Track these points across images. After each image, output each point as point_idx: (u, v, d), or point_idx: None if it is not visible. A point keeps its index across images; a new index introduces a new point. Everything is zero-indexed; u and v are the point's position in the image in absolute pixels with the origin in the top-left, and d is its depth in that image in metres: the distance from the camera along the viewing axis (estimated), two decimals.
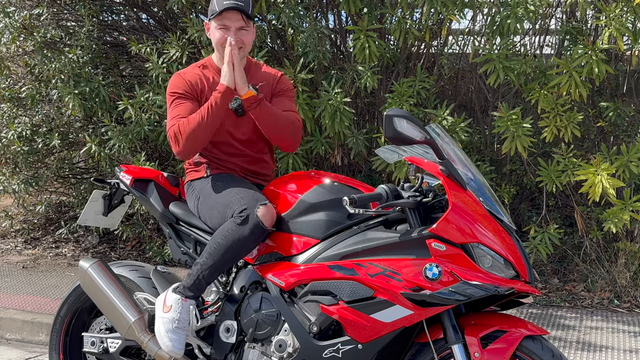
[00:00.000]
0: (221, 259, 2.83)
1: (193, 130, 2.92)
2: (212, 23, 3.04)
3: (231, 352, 2.91)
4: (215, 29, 3.03)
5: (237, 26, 2.99)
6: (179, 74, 3.12)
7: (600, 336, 4.39)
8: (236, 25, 2.99)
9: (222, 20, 2.99)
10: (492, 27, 4.69)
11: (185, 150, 2.98)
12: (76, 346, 3.33)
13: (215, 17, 3.00)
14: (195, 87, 3.07)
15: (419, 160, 2.64)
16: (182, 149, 2.97)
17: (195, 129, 2.92)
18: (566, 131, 4.71)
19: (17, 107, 6.34)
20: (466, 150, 5.20)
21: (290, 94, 3.20)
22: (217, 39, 3.03)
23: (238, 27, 3.00)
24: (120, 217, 3.53)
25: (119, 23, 6.56)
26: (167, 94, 3.11)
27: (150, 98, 5.32)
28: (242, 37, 3.00)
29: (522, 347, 2.48)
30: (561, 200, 5.67)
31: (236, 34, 2.98)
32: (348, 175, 5.68)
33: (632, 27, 4.61)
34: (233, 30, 2.99)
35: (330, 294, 2.61)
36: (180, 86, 3.06)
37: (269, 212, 2.81)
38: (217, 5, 2.98)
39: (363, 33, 4.75)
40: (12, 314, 4.90)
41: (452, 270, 2.45)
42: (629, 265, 5.07)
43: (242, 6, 2.98)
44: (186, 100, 3.03)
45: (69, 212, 7.24)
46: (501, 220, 2.57)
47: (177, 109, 3.03)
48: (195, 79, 3.08)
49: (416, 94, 4.93)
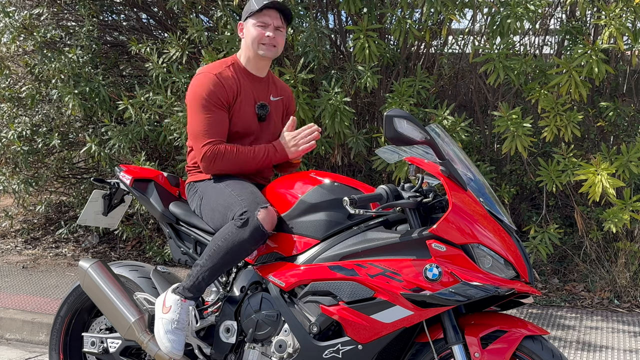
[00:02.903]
0: (221, 261, 2.83)
1: (237, 163, 2.97)
2: (249, 21, 3.03)
3: (231, 353, 2.90)
4: (252, 27, 3.01)
5: (275, 24, 3.01)
6: (215, 75, 2.98)
7: (600, 336, 4.39)
8: (275, 23, 3.01)
9: (262, 18, 3.00)
10: (492, 27, 4.69)
11: (216, 173, 3.02)
12: (76, 346, 3.33)
13: (254, 14, 3.00)
14: (230, 91, 2.99)
15: (419, 161, 2.64)
16: (214, 170, 3.00)
17: (240, 164, 2.97)
18: (566, 131, 4.71)
19: (17, 107, 6.34)
20: (466, 150, 5.20)
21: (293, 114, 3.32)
22: (254, 36, 3.01)
23: (276, 26, 3.02)
24: (120, 217, 3.53)
25: (119, 23, 6.56)
26: (195, 93, 2.98)
27: (150, 98, 5.32)
28: (277, 37, 3.02)
29: (522, 347, 2.48)
30: (561, 200, 5.67)
31: (274, 32, 3.01)
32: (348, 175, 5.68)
33: (632, 27, 4.61)
34: (271, 28, 3.00)
35: (331, 295, 2.61)
36: (216, 89, 2.96)
37: (269, 215, 2.81)
38: (257, 3, 3.00)
39: (363, 33, 4.75)
40: (12, 314, 4.90)
41: (453, 271, 2.45)
42: (629, 265, 5.07)
43: (282, 6, 3.01)
44: (220, 110, 2.97)
45: (69, 212, 7.24)
46: (501, 221, 2.57)
47: (210, 121, 2.94)
48: (231, 81, 3.01)
49: (416, 94, 4.93)
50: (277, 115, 3.19)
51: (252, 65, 3.09)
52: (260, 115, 3.08)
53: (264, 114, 3.08)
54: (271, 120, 3.13)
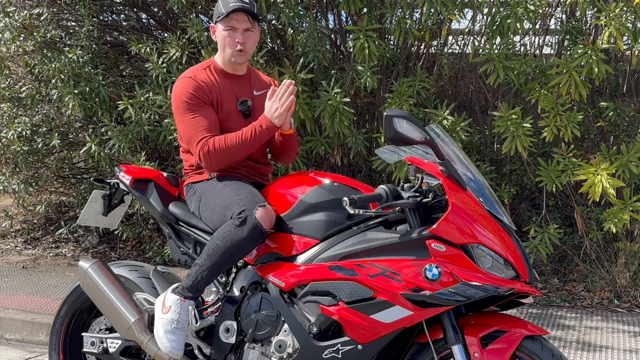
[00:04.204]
0: (220, 260, 2.83)
1: (230, 152, 2.93)
2: (219, 25, 3.03)
3: (231, 353, 2.91)
4: (222, 31, 3.02)
5: (244, 27, 3.01)
6: (191, 78, 3.02)
7: (600, 336, 4.39)
8: (243, 27, 3.01)
9: (230, 22, 2.99)
10: (492, 27, 4.69)
11: (218, 167, 2.99)
12: (76, 346, 3.33)
13: (222, 19, 2.99)
14: (209, 90, 3.01)
15: (419, 161, 2.64)
16: (214, 166, 2.97)
17: (233, 151, 2.93)
18: (566, 131, 4.71)
19: (17, 107, 6.34)
20: (466, 150, 5.20)
21: None
22: (224, 42, 3.02)
23: (245, 29, 3.01)
24: (120, 217, 3.53)
25: (119, 23, 6.56)
26: (177, 98, 3.01)
27: (150, 98, 5.32)
28: (247, 39, 3.02)
29: (522, 347, 2.48)
30: (561, 200, 5.67)
31: (243, 35, 3.00)
32: (348, 175, 5.68)
33: (632, 27, 4.61)
34: (240, 32, 3.00)
35: (330, 295, 2.61)
36: (195, 91, 2.98)
37: (268, 213, 2.80)
38: (224, 7, 2.99)
39: (363, 33, 4.75)
40: (12, 314, 4.90)
41: (452, 271, 2.45)
42: (629, 265, 5.07)
43: (248, 7, 2.99)
44: (204, 107, 2.98)
45: (69, 212, 7.24)
46: (501, 221, 2.57)
47: (197, 119, 2.96)
48: (208, 82, 3.03)
49: (416, 94, 4.93)
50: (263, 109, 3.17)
51: (229, 66, 3.09)
52: (244, 112, 3.08)
53: (247, 110, 3.08)
54: (257, 115, 3.10)
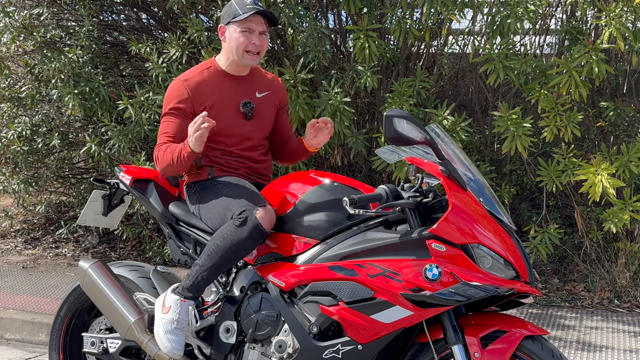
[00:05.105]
0: (220, 260, 2.83)
1: (165, 166, 2.96)
2: (233, 26, 2.98)
3: (231, 353, 2.90)
4: (237, 32, 2.97)
5: (260, 30, 2.99)
6: (180, 80, 3.01)
7: (600, 336, 4.39)
8: (259, 29, 2.99)
9: (247, 24, 2.96)
10: (492, 27, 4.68)
11: (164, 174, 3.11)
12: (76, 346, 3.33)
13: (240, 20, 2.96)
14: (198, 94, 2.98)
15: (419, 161, 2.64)
16: (162, 171, 3.04)
17: (166, 167, 2.96)
18: (566, 131, 4.71)
19: (17, 107, 6.34)
20: (466, 150, 5.20)
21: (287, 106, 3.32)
22: (239, 43, 2.97)
23: (261, 31, 3.00)
24: (120, 217, 3.53)
25: (119, 23, 6.55)
26: (165, 98, 3.04)
27: (150, 98, 5.32)
28: (263, 42, 3.01)
29: (522, 347, 2.48)
30: (561, 200, 5.67)
31: (259, 38, 2.99)
32: (348, 175, 5.68)
33: (632, 27, 4.60)
34: (256, 34, 2.98)
35: (330, 295, 2.61)
36: (178, 95, 2.98)
37: (268, 214, 2.80)
38: (240, 8, 2.95)
39: (363, 33, 4.75)
40: (12, 314, 4.90)
41: (452, 271, 2.45)
42: (629, 265, 5.07)
43: (267, 11, 2.99)
44: (177, 117, 2.97)
45: (69, 212, 7.24)
46: (501, 221, 2.57)
47: (165, 124, 3.00)
48: (199, 85, 3.00)
49: (416, 94, 4.92)
50: (268, 111, 3.15)
51: (233, 68, 3.07)
52: (246, 113, 3.06)
53: (249, 112, 3.06)
54: (260, 116, 3.10)
